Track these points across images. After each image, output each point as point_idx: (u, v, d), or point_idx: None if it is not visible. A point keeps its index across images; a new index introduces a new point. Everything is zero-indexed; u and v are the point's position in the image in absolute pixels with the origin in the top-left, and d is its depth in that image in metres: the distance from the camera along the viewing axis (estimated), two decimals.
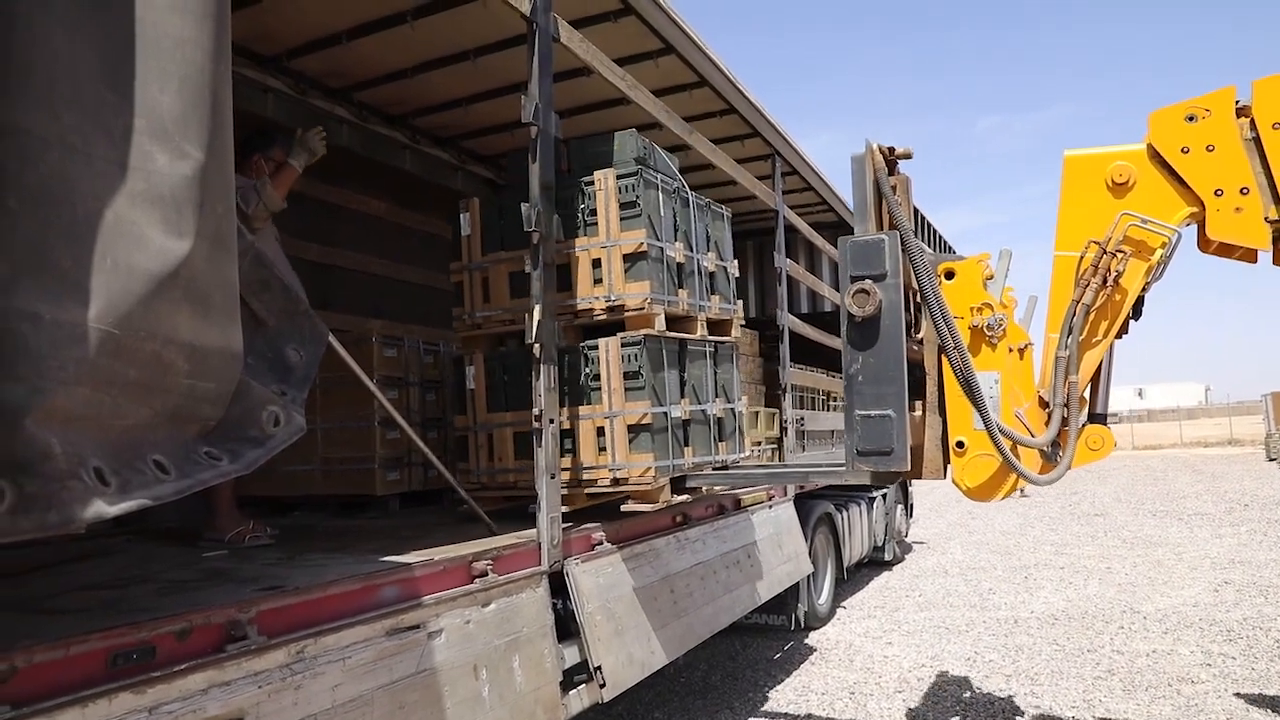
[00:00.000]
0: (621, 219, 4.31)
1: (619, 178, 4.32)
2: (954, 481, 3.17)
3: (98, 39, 1.62)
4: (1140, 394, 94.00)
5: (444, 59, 5.22)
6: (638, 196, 4.28)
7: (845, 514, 8.57)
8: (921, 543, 13.00)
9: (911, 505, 12.36)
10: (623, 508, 4.36)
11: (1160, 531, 13.11)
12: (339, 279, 6.50)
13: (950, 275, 3.15)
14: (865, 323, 3.05)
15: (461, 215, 4.66)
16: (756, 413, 7.57)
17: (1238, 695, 5.37)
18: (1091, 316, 2.99)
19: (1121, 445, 42.68)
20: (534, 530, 3.61)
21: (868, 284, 3.04)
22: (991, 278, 3.14)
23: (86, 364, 1.58)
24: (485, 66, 5.23)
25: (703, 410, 4.74)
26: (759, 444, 7.44)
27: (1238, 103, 2.87)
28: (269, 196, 3.92)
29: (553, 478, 3.64)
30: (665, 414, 4.31)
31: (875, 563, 10.53)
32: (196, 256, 1.80)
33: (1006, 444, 2.96)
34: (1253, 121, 2.83)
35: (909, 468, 3.10)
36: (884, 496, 10.20)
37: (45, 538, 1.54)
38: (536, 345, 3.61)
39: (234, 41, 2.08)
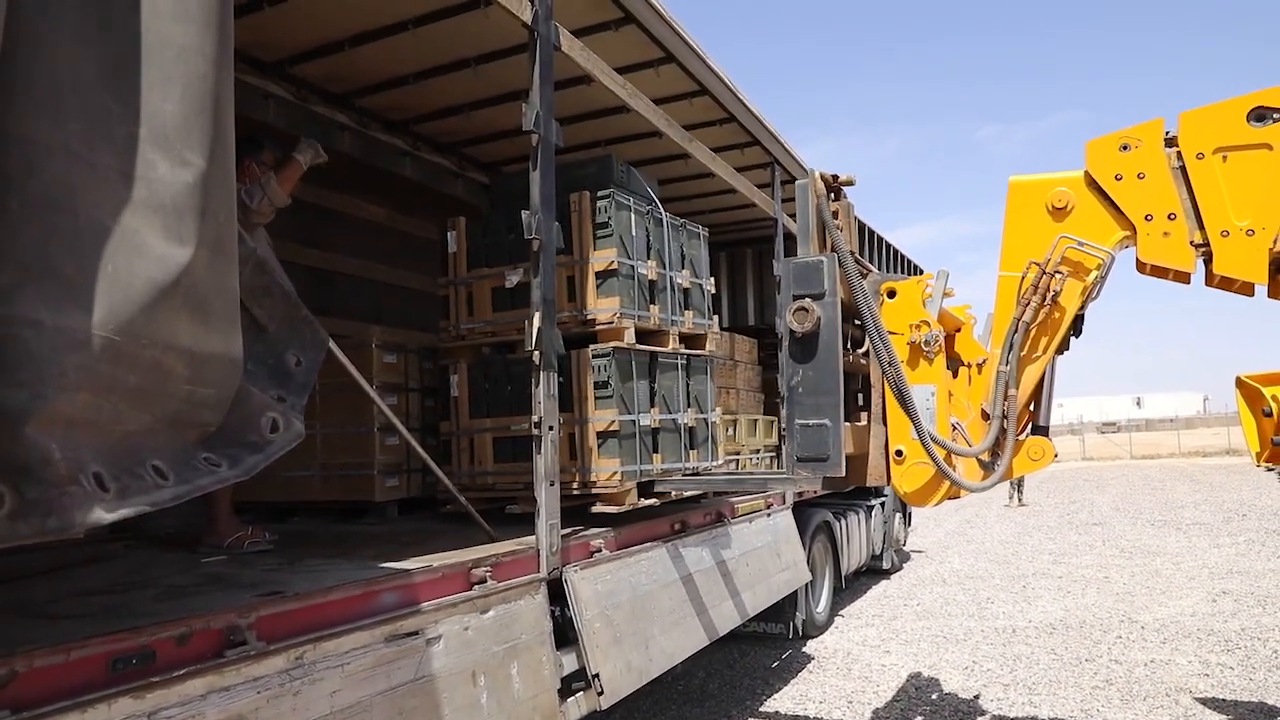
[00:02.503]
0: (595, 238, 4.60)
1: (593, 200, 4.60)
2: (893, 487, 3.35)
3: (101, 47, 1.63)
4: (1139, 403, 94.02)
5: (445, 66, 5.22)
6: (610, 218, 4.58)
7: (844, 522, 8.56)
8: (920, 551, 13.00)
9: (910, 514, 12.35)
10: (592, 509, 4.46)
11: (1158, 541, 13.11)
12: (339, 285, 6.50)
13: (893, 294, 3.35)
14: (805, 338, 3.27)
15: (449, 233, 5.01)
16: (755, 420, 7.58)
17: (1235, 705, 5.37)
18: (1032, 333, 3.15)
19: (1120, 454, 42.68)
20: (533, 537, 3.61)
21: (807, 302, 3.26)
22: (930, 297, 3.30)
23: (87, 370, 1.58)
24: (486, 74, 5.24)
25: (673, 419, 4.97)
26: (758, 451, 7.45)
27: (1167, 133, 3.02)
28: (274, 192, 3.93)
29: (552, 485, 3.64)
30: (634, 422, 4.55)
31: (873, 571, 10.52)
32: (197, 264, 1.81)
33: (940, 453, 3.12)
34: (1180, 151, 2.98)
35: (844, 473, 3.29)
36: (882, 505, 10.20)
37: (45, 543, 1.55)
38: (536, 353, 3.62)
39: (235, 48, 2.09)
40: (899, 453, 3.27)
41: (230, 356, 2.02)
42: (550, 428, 3.65)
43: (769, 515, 6.29)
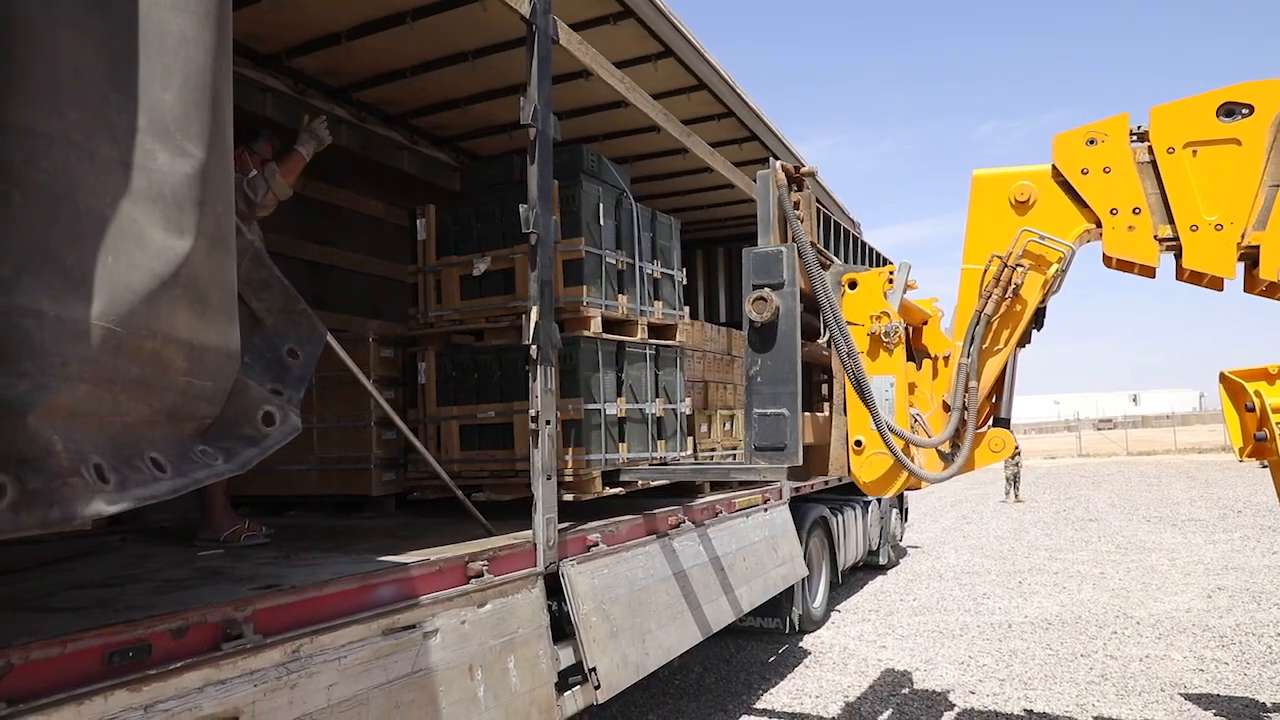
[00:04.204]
0: (562, 227, 4.50)
1: (561, 188, 4.53)
2: (852, 476, 3.36)
3: (101, 38, 1.62)
4: (1135, 400, 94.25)
5: (443, 59, 5.21)
6: (578, 206, 4.54)
7: (840, 518, 8.58)
8: (916, 547, 13.02)
9: (906, 510, 12.37)
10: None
11: (1154, 537, 13.14)
12: (337, 279, 6.49)
13: (854, 285, 3.35)
14: (764, 328, 3.26)
15: (418, 220, 4.95)
16: None
17: (1230, 700, 5.39)
18: (993, 326, 3.17)
19: (1116, 451, 42.76)
20: (529, 531, 3.61)
21: (766, 292, 3.25)
22: (891, 289, 3.31)
23: (88, 361, 1.58)
24: (484, 67, 5.23)
25: (640, 409, 4.94)
26: None
27: (1135, 127, 3.04)
28: (278, 185, 3.94)
29: (549, 479, 3.64)
30: (599, 411, 4.53)
31: (870, 567, 10.54)
32: (196, 255, 1.80)
33: (898, 443, 3.14)
34: (1150, 146, 2.99)
35: (801, 462, 3.29)
36: (879, 501, 10.21)
37: (41, 535, 1.54)
38: (534, 347, 3.62)
39: (234, 40, 2.08)
40: (858, 443, 3.30)
41: (228, 349, 2.01)
42: (548, 421, 3.65)
43: (766, 510, 6.30)
